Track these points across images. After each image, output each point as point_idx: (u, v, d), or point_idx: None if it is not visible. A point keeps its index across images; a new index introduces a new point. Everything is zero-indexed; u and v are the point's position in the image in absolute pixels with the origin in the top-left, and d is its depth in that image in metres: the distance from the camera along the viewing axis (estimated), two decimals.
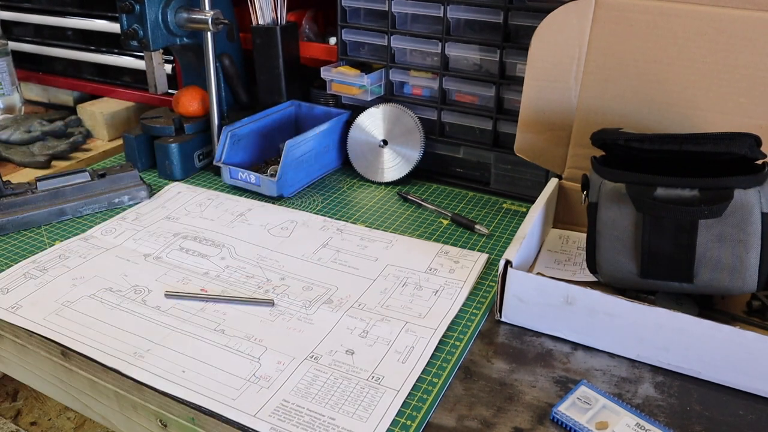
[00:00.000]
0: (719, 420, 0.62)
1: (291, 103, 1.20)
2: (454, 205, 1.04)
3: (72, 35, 1.44)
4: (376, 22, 1.11)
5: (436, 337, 0.72)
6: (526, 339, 0.73)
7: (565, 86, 0.89)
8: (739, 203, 0.67)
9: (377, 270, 0.85)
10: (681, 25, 0.80)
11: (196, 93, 1.16)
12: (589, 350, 0.71)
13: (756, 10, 0.76)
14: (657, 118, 0.84)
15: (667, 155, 0.73)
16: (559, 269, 0.85)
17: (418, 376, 0.67)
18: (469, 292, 0.81)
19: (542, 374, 0.67)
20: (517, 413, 0.62)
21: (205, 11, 1.05)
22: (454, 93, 1.09)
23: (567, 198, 0.94)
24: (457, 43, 1.04)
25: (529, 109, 0.93)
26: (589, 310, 0.69)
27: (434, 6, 1.03)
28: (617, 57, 0.85)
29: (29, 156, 1.19)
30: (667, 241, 0.70)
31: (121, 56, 1.37)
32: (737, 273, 0.68)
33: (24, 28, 1.49)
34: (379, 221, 0.99)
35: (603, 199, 0.73)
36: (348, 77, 1.12)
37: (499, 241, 0.93)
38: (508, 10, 0.98)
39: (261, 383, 0.65)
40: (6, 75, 1.34)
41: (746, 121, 0.80)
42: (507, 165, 1.07)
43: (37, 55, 1.49)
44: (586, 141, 0.80)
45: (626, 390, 0.65)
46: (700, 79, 0.81)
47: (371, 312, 0.76)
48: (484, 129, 1.08)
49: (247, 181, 1.06)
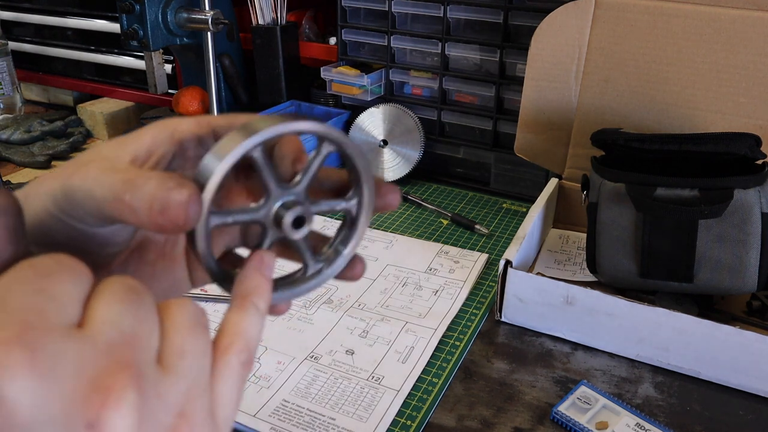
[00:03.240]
0: (719, 420, 0.62)
1: (291, 103, 1.20)
2: (454, 205, 1.04)
3: (72, 35, 1.44)
4: (376, 22, 1.11)
5: (436, 337, 0.72)
6: (526, 339, 0.73)
7: (565, 86, 0.89)
8: (739, 203, 0.67)
9: (377, 270, 0.85)
10: (681, 25, 0.80)
11: (196, 93, 1.16)
12: (589, 350, 0.71)
13: (756, 10, 0.76)
14: (657, 118, 0.84)
15: (667, 155, 0.73)
16: (559, 269, 0.85)
17: (418, 376, 0.67)
18: (469, 292, 0.81)
19: (542, 374, 0.67)
20: (517, 413, 0.62)
21: (205, 11, 1.05)
22: (454, 93, 1.09)
23: (567, 198, 0.94)
24: (457, 43, 1.04)
25: (529, 109, 0.93)
26: (589, 310, 0.69)
27: (434, 6, 1.03)
28: (617, 57, 0.85)
29: (29, 156, 1.19)
30: (667, 241, 0.70)
31: (121, 56, 1.37)
32: (737, 273, 0.68)
33: (24, 28, 1.49)
34: (379, 221, 0.99)
35: (603, 199, 0.73)
36: (348, 77, 1.12)
37: (499, 241, 0.93)
38: (508, 10, 0.98)
39: (261, 383, 0.65)
40: (6, 75, 1.34)
41: (746, 121, 0.80)
42: (507, 165, 1.07)
43: (37, 55, 1.49)
44: (586, 141, 0.80)
45: (626, 390, 0.65)
46: (700, 79, 0.81)
47: (371, 312, 0.76)
48: (484, 129, 1.08)
49: None
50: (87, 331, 0.21)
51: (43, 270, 0.22)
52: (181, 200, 0.25)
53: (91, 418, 0.20)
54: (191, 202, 0.25)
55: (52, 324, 0.20)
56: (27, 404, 0.19)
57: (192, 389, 0.23)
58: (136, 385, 0.21)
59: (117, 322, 0.22)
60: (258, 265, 0.29)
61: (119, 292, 0.23)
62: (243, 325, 0.27)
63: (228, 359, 0.25)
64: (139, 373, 0.21)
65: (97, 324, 0.21)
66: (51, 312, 0.21)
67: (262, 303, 0.28)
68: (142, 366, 0.22)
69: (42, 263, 0.22)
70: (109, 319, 0.22)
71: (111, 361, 0.21)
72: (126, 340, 0.22)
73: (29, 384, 0.19)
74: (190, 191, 0.25)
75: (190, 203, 0.25)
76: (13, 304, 0.20)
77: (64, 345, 0.20)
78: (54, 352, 0.20)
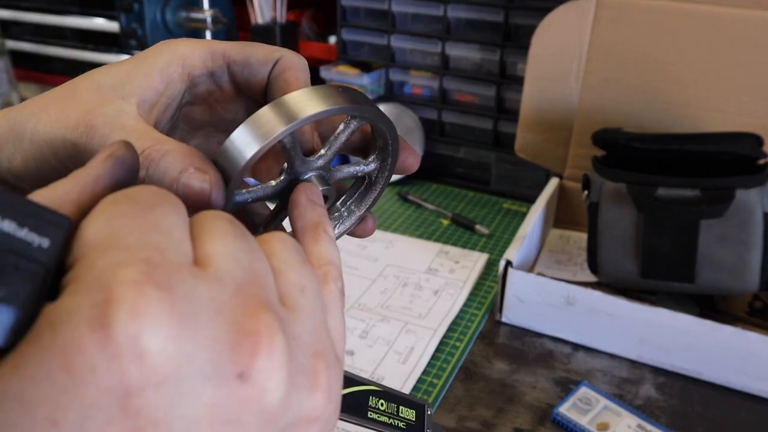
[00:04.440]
0: (721, 421, 0.61)
1: None
2: (454, 205, 1.04)
3: (70, 34, 1.43)
4: (376, 21, 1.11)
5: (436, 338, 0.72)
6: (526, 339, 0.73)
7: (565, 86, 0.89)
8: (741, 203, 0.67)
9: (377, 270, 0.85)
10: (682, 24, 0.80)
11: None
12: (589, 351, 0.71)
13: (757, 9, 0.76)
14: (658, 118, 0.84)
15: (669, 155, 0.72)
16: (559, 269, 0.85)
17: (418, 376, 0.66)
18: (469, 293, 0.80)
19: (543, 375, 0.67)
20: (518, 414, 0.62)
21: (204, 10, 1.05)
22: (455, 93, 1.09)
23: (568, 198, 0.94)
24: (458, 43, 1.04)
25: (530, 109, 0.93)
26: (590, 310, 0.69)
27: (434, 5, 1.03)
28: (618, 56, 0.84)
29: None
30: (668, 241, 0.69)
31: (120, 55, 1.37)
32: (739, 273, 0.68)
33: (22, 27, 1.48)
34: (379, 221, 0.99)
35: (604, 199, 0.73)
36: (348, 77, 1.12)
37: (500, 241, 0.93)
38: (509, 9, 0.98)
39: None
40: (3, 74, 1.33)
41: (748, 120, 0.79)
42: (507, 165, 1.06)
43: (35, 54, 1.48)
44: (587, 141, 0.80)
45: (627, 391, 0.65)
46: (701, 79, 0.81)
47: (371, 312, 0.76)
48: (484, 129, 1.07)
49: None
50: (210, 269, 0.19)
51: (146, 203, 0.19)
52: (204, 189, 0.24)
53: (243, 368, 0.18)
54: (214, 190, 0.24)
55: (176, 262, 0.18)
56: (172, 355, 0.16)
57: (319, 325, 0.22)
58: (280, 326, 0.19)
59: (236, 258, 0.20)
60: (310, 196, 0.27)
61: (228, 227, 0.21)
62: (328, 254, 0.25)
63: (330, 289, 0.24)
64: (276, 313, 0.19)
65: (219, 261, 0.19)
66: (170, 249, 0.18)
67: (330, 229, 0.26)
68: (275, 305, 0.20)
69: (142, 195, 0.19)
70: (227, 255, 0.20)
71: (246, 301, 0.19)
72: (251, 278, 0.20)
73: (173, 332, 0.17)
74: (212, 179, 0.24)
75: (213, 192, 0.24)
76: (129, 241, 0.18)
77: (195, 285, 0.18)
78: (189, 294, 0.17)
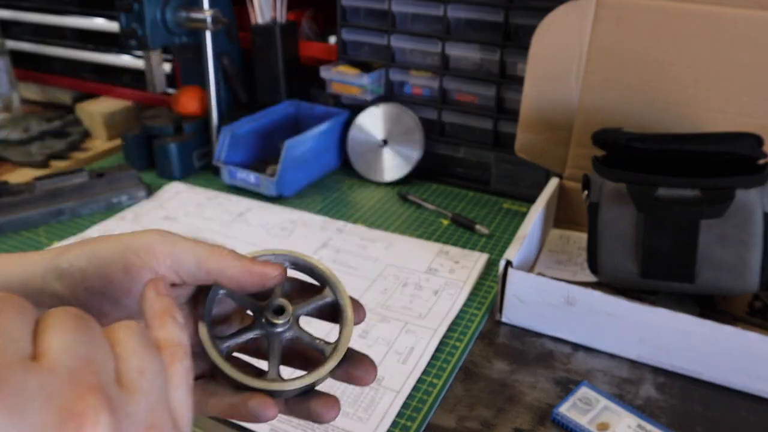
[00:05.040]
0: (721, 421, 0.61)
1: (290, 103, 1.19)
2: (454, 205, 1.04)
3: (70, 34, 1.43)
4: (376, 21, 1.11)
5: (436, 338, 0.72)
6: (526, 339, 0.72)
7: (566, 86, 0.89)
8: (741, 203, 0.66)
9: (377, 270, 0.85)
10: (682, 24, 0.80)
11: (195, 92, 1.15)
12: (590, 351, 0.71)
13: (757, 9, 0.76)
14: (658, 118, 0.84)
15: (669, 155, 0.72)
16: (559, 269, 0.85)
17: (418, 376, 0.66)
18: (469, 293, 0.80)
19: (543, 375, 0.67)
20: (518, 414, 0.62)
21: (204, 10, 1.05)
22: (455, 93, 1.09)
23: (568, 198, 0.94)
24: (458, 43, 1.04)
25: (530, 109, 0.93)
26: (590, 310, 0.69)
27: (434, 5, 1.03)
28: (618, 56, 0.84)
29: (27, 155, 1.18)
30: (668, 241, 0.69)
31: (119, 55, 1.37)
32: (739, 273, 0.68)
33: (22, 27, 1.48)
34: (379, 221, 0.99)
35: (604, 199, 0.73)
36: (348, 77, 1.12)
37: (500, 241, 0.93)
38: (509, 9, 0.98)
39: None
40: (4, 74, 1.33)
41: (748, 120, 0.79)
42: (507, 165, 1.06)
43: (35, 54, 1.48)
44: (587, 141, 0.80)
45: (627, 391, 0.65)
46: (701, 79, 0.81)
47: (371, 312, 0.76)
48: (484, 129, 1.07)
49: (246, 181, 1.05)
50: (44, 361, 0.21)
51: None
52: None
53: None
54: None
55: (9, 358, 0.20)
56: None
57: (156, 403, 0.24)
58: (107, 406, 0.21)
59: (72, 349, 0.22)
60: (155, 289, 0.31)
61: (67, 321, 0.23)
62: (174, 336, 0.28)
63: (176, 368, 0.27)
64: (106, 395, 0.21)
65: (53, 353, 0.22)
66: (6, 347, 0.21)
67: (178, 315, 0.30)
68: (107, 388, 0.22)
69: None
70: (63, 347, 0.22)
71: (76, 387, 0.21)
72: (85, 365, 0.22)
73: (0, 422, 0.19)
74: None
75: None
76: None
77: (26, 377, 0.20)
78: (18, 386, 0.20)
